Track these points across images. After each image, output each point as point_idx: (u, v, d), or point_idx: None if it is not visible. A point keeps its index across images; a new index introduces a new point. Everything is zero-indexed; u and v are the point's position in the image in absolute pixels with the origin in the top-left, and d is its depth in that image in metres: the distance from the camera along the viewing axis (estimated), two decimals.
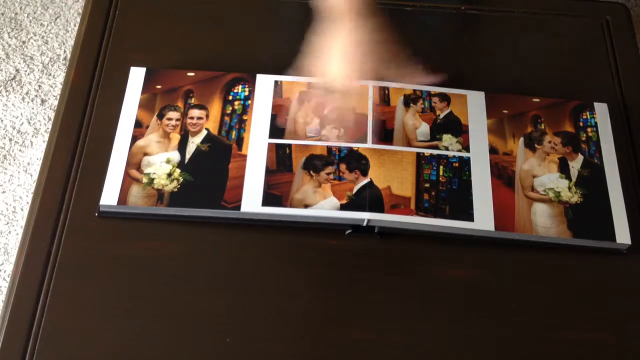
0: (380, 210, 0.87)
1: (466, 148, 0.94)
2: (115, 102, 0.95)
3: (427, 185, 0.90)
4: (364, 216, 0.87)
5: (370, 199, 0.88)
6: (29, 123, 1.61)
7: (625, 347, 0.84)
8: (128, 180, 0.88)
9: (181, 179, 0.89)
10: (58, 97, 1.15)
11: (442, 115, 0.96)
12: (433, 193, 0.90)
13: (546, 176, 0.92)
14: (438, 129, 0.95)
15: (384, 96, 0.97)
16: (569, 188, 0.91)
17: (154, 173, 0.89)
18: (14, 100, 1.64)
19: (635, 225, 0.89)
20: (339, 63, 0.91)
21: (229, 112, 0.95)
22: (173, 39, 1.03)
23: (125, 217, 0.87)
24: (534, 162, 0.93)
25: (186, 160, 0.90)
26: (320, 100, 0.94)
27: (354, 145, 0.92)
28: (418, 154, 0.92)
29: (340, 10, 0.90)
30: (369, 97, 0.96)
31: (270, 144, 0.92)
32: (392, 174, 0.90)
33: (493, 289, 0.86)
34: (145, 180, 0.88)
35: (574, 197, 0.91)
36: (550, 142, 0.95)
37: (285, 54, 1.02)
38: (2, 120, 1.61)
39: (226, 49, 1.03)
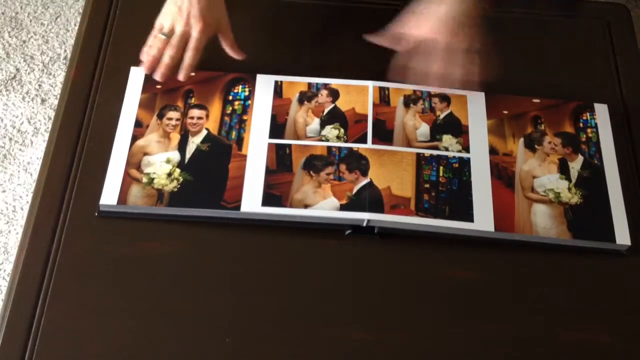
0: (380, 210, 0.87)
1: (466, 149, 0.93)
2: (115, 102, 0.95)
3: (427, 185, 0.90)
4: (364, 216, 0.87)
5: (370, 199, 0.88)
6: (29, 122, 1.61)
7: (625, 348, 0.84)
8: (128, 180, 0.88)
9: (181, 179, 0.89)
10: (58, 96, 1.15)
11: (442, 116, 0.96)
12: (433, 194, 0.90)
13: (546, 177, 0.92)
14: (438, 130, 0.95)
15: (384, 96, 0.97)
16: (569, 189, 0.91)
17: (154, 173, 0.89)
18: (14, 99, 1.64)
19: (635, 226, 0.89)
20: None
21: (229, 112, 0.95)
22: None
23: (125, 216, 0.87)
24: (534, 162, 0.93)
25: (186, 160, 0.90)
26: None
27: (354, 146, 0.92)
28: (418, 154, 0.92)
29: None
30: (369, 97, 0.96)
31: (270, 144, 0.92)
32: (392, 174, 0.90)
33: (493, 289, 0.86)
34: (145, 180, 0.88)
35: (574, 198, 0.91)
36: (550, 142, 0.95)
37: (285, 54, 1.02)
38: (2, 120, 1.61)
39: None
